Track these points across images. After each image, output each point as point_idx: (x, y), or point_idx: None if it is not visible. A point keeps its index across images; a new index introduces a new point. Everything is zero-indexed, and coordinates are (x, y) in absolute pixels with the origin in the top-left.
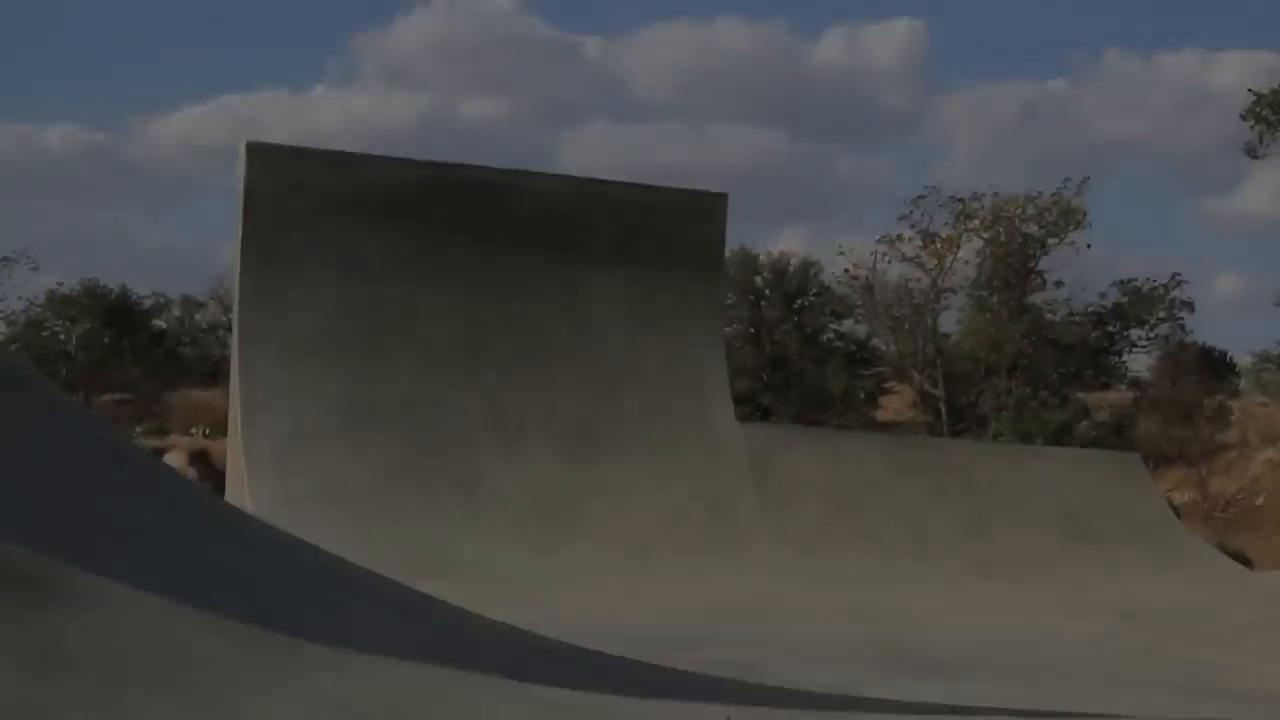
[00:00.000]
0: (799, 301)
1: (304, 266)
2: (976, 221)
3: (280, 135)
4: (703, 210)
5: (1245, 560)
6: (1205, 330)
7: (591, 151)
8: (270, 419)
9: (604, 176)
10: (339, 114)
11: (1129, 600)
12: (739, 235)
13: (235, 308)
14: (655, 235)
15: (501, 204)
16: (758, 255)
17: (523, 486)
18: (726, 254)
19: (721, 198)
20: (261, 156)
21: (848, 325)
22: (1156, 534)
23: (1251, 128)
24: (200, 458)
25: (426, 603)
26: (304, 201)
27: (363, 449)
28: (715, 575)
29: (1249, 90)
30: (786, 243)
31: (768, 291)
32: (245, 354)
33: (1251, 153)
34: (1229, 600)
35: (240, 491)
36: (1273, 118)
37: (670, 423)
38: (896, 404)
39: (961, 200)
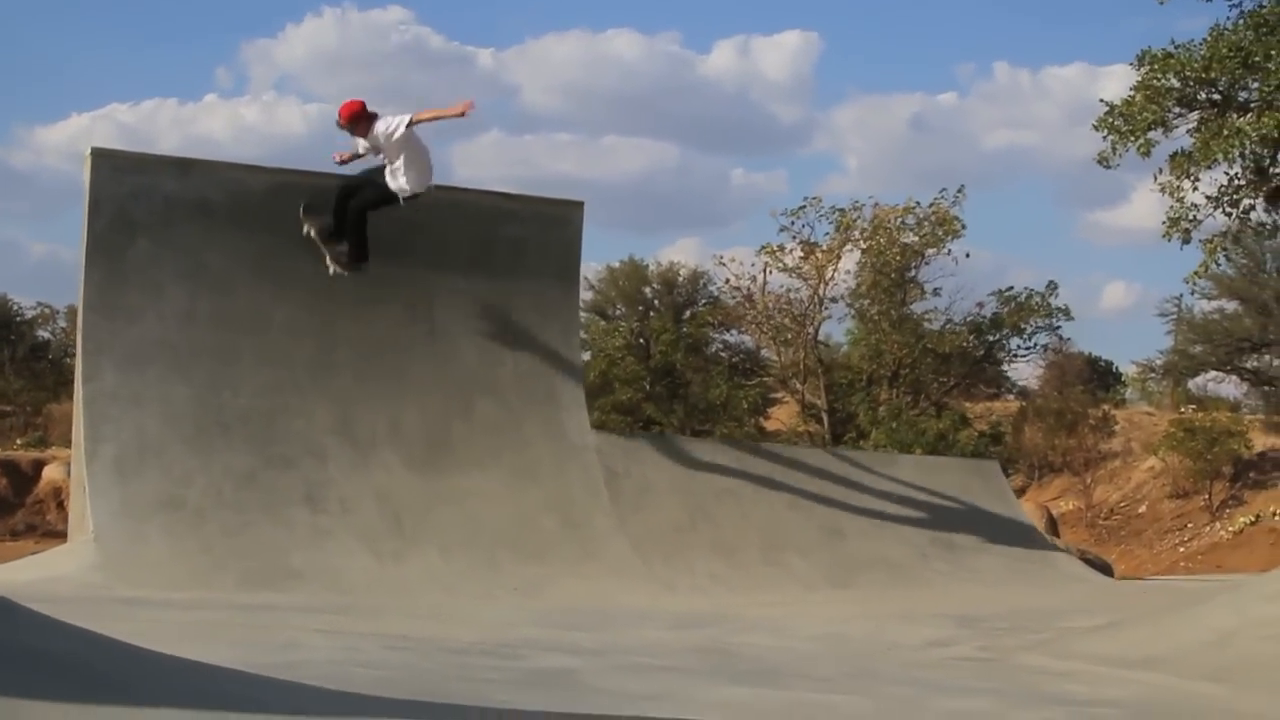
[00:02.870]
0: (688, 312)
1: (149, 274)
2: (857, 232)
3: (168, 144)
4: (559, 218)
5: (1105, 567)
6: (1094, 340)
7: (484, 163)
8: (112, 429)
9: (496, 187)
10: (228, 123)
11: (975, 606)
12: (630, 246)
13: (79, 315)
14: (510, 243)
15: None
16: (647, 266)
17: (371, 496)
18: (616, 264)
19: (578, 205)
20: (106, 161)
21: (735, 336)
22: (1013, 541)
23: (1104, 138)
24: None
25: None
26: (149, 208)
27: (207, 459)
28: (562, 583)
29: (1100, 100)
30: (679, 254)
31: (656, 302)
32: (88, 363)
33: (1104, 163)
34: (1075, 605)
35: (81, 502)
36: (1124, 128)
37: (524, 431)
38: (784, 414)
39: (842, 210)
